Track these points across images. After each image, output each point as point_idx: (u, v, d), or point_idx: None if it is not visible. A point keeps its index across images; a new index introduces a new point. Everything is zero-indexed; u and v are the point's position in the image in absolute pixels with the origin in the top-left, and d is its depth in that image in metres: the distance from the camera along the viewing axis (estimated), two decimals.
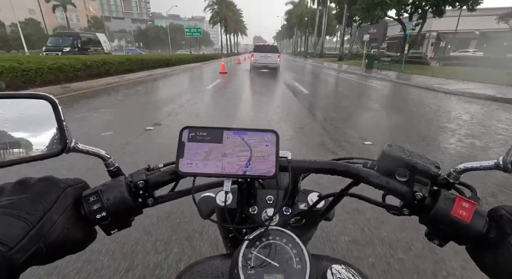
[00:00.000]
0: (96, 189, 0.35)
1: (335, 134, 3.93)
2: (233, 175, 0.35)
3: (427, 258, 1.55)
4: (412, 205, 0.36)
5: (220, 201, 0.45)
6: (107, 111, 5.09)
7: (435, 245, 0.36)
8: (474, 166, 0.34)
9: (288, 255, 0.33)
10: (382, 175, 0.37)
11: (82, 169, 2.43)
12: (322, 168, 0.40)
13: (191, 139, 0.36)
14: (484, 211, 0.33)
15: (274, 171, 0.35)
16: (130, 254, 1.52)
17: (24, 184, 0.31)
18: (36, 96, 0.33)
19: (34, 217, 0.28)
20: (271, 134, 0.37)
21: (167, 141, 3.43)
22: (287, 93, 7.82)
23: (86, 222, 0.34)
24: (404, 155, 0.37)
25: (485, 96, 7.50)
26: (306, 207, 0.45)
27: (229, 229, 0.45)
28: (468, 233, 0.32)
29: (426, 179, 0.35)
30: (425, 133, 4.11)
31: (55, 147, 0.34)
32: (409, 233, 1.74)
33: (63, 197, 0.32)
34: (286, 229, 0.36)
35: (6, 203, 0.28)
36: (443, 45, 38.82)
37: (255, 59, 14.38)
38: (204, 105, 5.97)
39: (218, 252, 1.54)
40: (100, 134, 3.62)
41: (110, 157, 0.38)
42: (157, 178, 0.38)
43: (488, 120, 5.09)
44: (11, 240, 0.25)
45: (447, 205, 0.33)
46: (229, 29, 59.79)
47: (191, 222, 1.81)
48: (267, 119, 4.74)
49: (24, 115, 0.33)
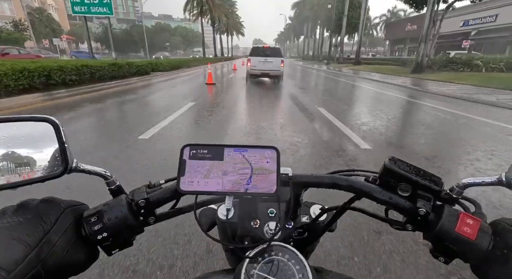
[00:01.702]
0: (97, 209, 0.35)
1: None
2: (234, 193, 0.35)
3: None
4: (416, 221, 0.36)
5: (222, 215, 0.43)
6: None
7: (441, 262, 0.35)
8: (477, 181, 0.35)
9: (291, 272, 0.33)
10: (384, 190, 0.37)
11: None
12: (324, 182, 0.40)
13: (192, 157, 0.36)
14: (489, 227, 0.33)
15: (276, 189, 0.35)
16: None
17: (25, 206, 0.32)
18: (38, 119, 0.34)
19: (33, 239, 0.28)
20: (271, 150, 0.36)
21: None
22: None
23: (87, 243, 0.34)
24: (406, 170, 0.36)
25: None
26: (308, 220, 0.44)
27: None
28: (473, 251, 0.32)
29: (429, 194, 0.35)
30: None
31: (57, 169, 0.34)
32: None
33: (63, 218, 0.32)
34: (288, 244, 0.36)
35: (7, 226, 0.29)
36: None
37: (252, 65, 10.84)
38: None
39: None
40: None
41: (112, 176, 0.39)
42: (158, 196, 0.38)
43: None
44: (10, 264, 0.25)
45: (451, 221, 0.33)
46: (219, 25, 47.03)
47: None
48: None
49: (26, 137, 0.33)
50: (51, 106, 5.94)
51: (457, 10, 17.26)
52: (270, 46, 11.62)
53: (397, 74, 16.60)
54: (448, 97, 8.15)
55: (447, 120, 5.28)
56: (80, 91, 8.01)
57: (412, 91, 9.79)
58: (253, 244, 0.37)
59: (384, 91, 9.74)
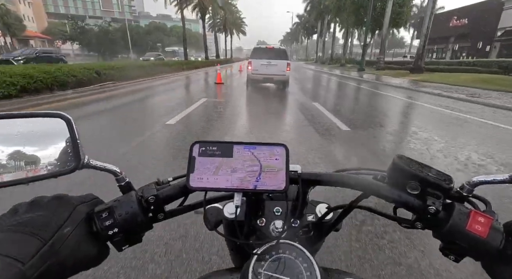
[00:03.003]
0: (108, 205, 0.36)
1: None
2: (243, 189, 0.35)
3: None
4: (426, 219, 0.35)
5: (228, 214, 0.43)
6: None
7: (451, 260, 0.35)
8: (488, 179, 0.34)
9: (298, 270, 0.33)
10: (393, 188, 0.36)
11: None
12: (332, 180, 0.40)
13: (201, 154, 0.36)
14: (500, 226, 0.32)
15: (285, 186, 0.34)
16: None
17: (38, 203, 0.32)
18: (52, 115, 0.34)
19: (46, 234, 0.29)
20: (280, 148, 0.36)
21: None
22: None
23: (98, 238, 0.34)
24: (415, 167, 0.36)
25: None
26: (314, 219, 0.44)
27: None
28: (485, 249, 0.32)
29: (439, 192, 0.34)
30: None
31: (69, 164, 0.35)
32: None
33: (75, 214, 0.33)
34: (295, 242, 0.36)
35: (21, 221, 0.29)
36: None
37: (253, 68, 9.22)
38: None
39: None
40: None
41: (122, 172, 0.39)
42: (168, 193, 0.38)
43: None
44: (24, 257, 0.26)
45: (462, 219, 0.32)
46: (213, 21, 38.19)
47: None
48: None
49: (39, 133, 0.34)
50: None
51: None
52: (274, 47, 9.90)
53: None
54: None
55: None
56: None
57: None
58: (260, 242, 0.37)
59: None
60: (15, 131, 0.32)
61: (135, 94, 8.49)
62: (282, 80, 9.34)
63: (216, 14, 37.14)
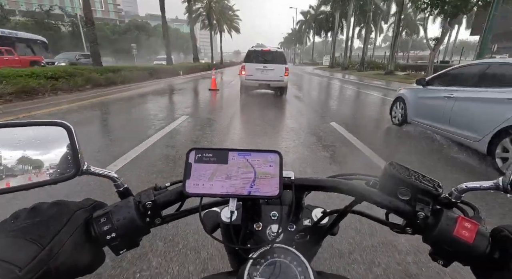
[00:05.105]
0: (106, 210, 0.36)
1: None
2: (237, 195, 0.36)
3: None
4: (415, 225, 0.36)
5: (225, 218, 0.45)
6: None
7: (440, 265, 0.35)
8: (475, 186, 0.35)
9: (293, 274, 0.34)
10: (384, 194, 0.37)
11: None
12: (326, 186, 0.40)
13: (197, 160, 0.37)
14: (487, 231, 0.33)
15: (278, 192, 0.35)
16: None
17: (38, 209, 0.33)
18: (53, 123, 0.35)
19: (45, 240, 0.29)
20: (274, 154, 0.37)
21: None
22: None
23: (96, 244, 0.35)
24: (406, 174, 0.37)
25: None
26: (310, 223, 0.45)
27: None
28: (471, 254, 0.32)
29: (428, 198, 0.35)
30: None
31: (69, 171, 0.36)
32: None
33: (73, 219, 0.33)
34: (290, 246, 0.37)
35: (21, 227, 0.30)
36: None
37: (247, 73, 8.40)
38: None
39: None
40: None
41: (120, 178, 0.40)
42: (165, 199, 0.39)
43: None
44: (21, 262, 0.26)
45: (450, 225, 0.33)
46: (196, 13, 27.56)
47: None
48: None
49: (40, 141, 0.35)
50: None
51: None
52: (270, 49, 8.86)
53: None
54: None
55: None
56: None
57: None
58: (256, 246, 0.37)
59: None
60: (17, 139, 0.34)
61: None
62: (280, 86, 8.65)
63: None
